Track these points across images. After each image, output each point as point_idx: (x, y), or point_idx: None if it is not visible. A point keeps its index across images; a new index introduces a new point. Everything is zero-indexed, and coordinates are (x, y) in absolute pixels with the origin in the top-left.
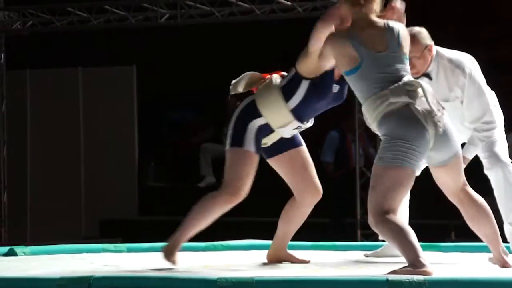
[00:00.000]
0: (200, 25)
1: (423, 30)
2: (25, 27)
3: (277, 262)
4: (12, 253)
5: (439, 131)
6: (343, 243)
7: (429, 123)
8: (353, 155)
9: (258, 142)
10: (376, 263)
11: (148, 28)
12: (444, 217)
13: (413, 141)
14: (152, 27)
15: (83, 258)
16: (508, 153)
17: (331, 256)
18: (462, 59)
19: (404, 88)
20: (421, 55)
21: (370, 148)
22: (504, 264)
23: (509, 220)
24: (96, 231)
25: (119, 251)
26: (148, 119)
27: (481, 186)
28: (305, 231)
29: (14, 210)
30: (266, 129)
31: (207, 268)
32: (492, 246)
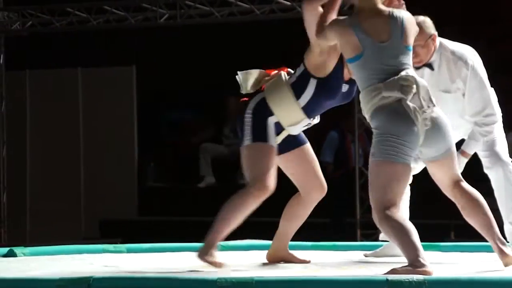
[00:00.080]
0: (200, 25)
1: (427, 19)
2: (24, 27)
3: (277, 262)
4: (12, 254)
5: (428, 126)
6: (343, 243)
7: (418, 119)
8: (353, 155)
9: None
10: (376, 263)
11: (147, 28)
12: (443, 217)
13: (403, 136)
14: (151, 27)
15: (83, 259)
16: (508, 152)
17: (331, 256)
18: (465, 51)
19: (398, 82)
20: (425, 44)
21: (370, 148)
22: (501, 254)
23: (509, 219)
24: (96, 231)
25: (119, 252)
26: (147, 119)
27: (481, 186)
28: (305, 231)
29: (13, 210)
30: (278, 127)
31: (207, 269)
32: (487, 235)
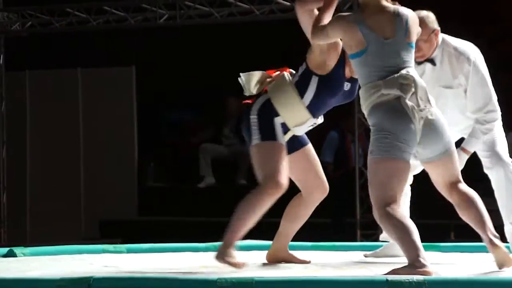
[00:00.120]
0: (199, 25)
1: (431, 14)
2: (24, 28)
3: (277, 262)
4: (12, 254)
5: (425, 124)
6: (343, 243)
7: (416, 117)
8: (353, 155)
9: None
10: (376, 263)
11: (147, 29)
12: (443, 217)
13: (401, 133)
14: (151, 28)
15: (83, 259)
16: (508, 152)
17: (331, 257)
18: (468, 48)
19: (397, 81)
20: (428, 39)
21: None
22: (491, 244)
23: (510, 220)
24: (96, 231)
25: (119, 252)
26: (147, 120)
27: (480, 186)
28: (305, 231)
29: (13, 211)
30: (283, 128)
31: (207, 269)
32: (478, 227)
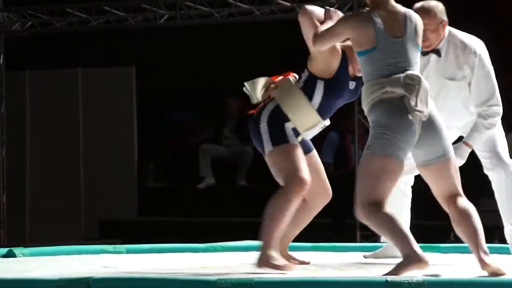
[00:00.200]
0: (199, 26)
1: (440, 4)
2: (24, 28)
3: None
4: (11, 255)
5: (423, 126)
6: (343, 244)
7: (416, 118)
8: (353, 155)
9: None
10: (376, 264)
11: (147, 29)
12: (443, 218)
13: (400, 131)
14: (151, 28)
15: (82, 260)
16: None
17: (331, 257)
18: (474, 41)
19: (403, 80)
20: (435, 29)
21: None
22: (481, 263)
23: (510, 221)
24: (96, 232)
25: (118, 252)
26: (147, 120)
27: (480, 186)
28: (304, 232)
29: (13, 211)
30: (294, 133)
31: (206, 269)
32: (470, 244)
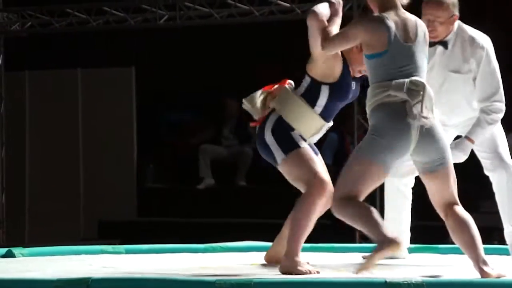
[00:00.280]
0: (199, 26)
1: None
2: (23, 28)
3: (275, 263)
4: (10, 255)
5: (423, 133)
6: (342, 245)
7: (416, 124)
8: None
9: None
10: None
11: (147, 30)
12: (442, 219)
13: (391, 139)
14: (151, 29)
15: (81, 260)
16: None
17: (330, 258)
18: (483, 37)
19: (407, 85)
20: (445, 21)
21: None
22: (484, 275)
23: (511, 223)
24: (95, 232)
25: (118, 253)
26: (147, 120)
27: (479, 187)
28: None
29: (12, 211)
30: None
31: (205, 270)
32: (469, 254)
